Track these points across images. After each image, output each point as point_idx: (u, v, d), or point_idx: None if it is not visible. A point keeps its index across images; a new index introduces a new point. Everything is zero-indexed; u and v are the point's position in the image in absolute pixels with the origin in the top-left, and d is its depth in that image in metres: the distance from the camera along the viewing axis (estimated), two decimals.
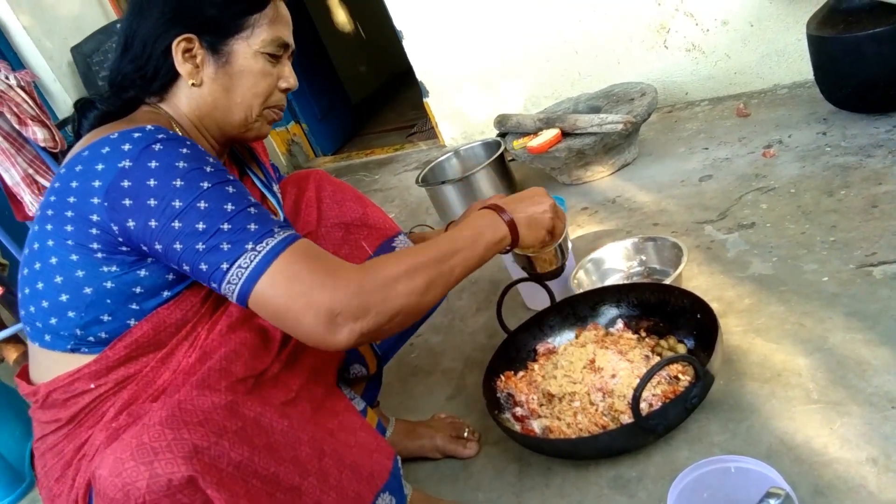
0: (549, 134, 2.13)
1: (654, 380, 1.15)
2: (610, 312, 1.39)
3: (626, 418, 1.13)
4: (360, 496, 0.93)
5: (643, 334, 1.32)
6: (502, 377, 1.32)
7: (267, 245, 0.82)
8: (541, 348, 1.39)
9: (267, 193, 1.13)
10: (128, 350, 0.90)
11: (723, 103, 2.39)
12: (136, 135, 0.85)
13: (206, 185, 0.83)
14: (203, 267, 0.83)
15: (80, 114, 1.00)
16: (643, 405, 1.11)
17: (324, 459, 0.89)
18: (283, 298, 0.81)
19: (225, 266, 0.82)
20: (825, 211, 1.54)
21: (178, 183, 0.82)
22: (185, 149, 0.86)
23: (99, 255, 0.86)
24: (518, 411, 1.26)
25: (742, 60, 2.37)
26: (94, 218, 0.84)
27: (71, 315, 0.88)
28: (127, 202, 0.83)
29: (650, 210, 1.88)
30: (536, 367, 1.33)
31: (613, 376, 1.19)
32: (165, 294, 0.91)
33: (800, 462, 1.00)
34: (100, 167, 0.84)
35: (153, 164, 0.83)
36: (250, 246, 0.82)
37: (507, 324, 1.41)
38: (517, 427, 1.22)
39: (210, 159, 0.87)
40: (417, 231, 1.38)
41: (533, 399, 1.26)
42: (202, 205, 0.82)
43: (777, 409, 1.10)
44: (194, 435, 0.77)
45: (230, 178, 0.87)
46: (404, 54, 3.03)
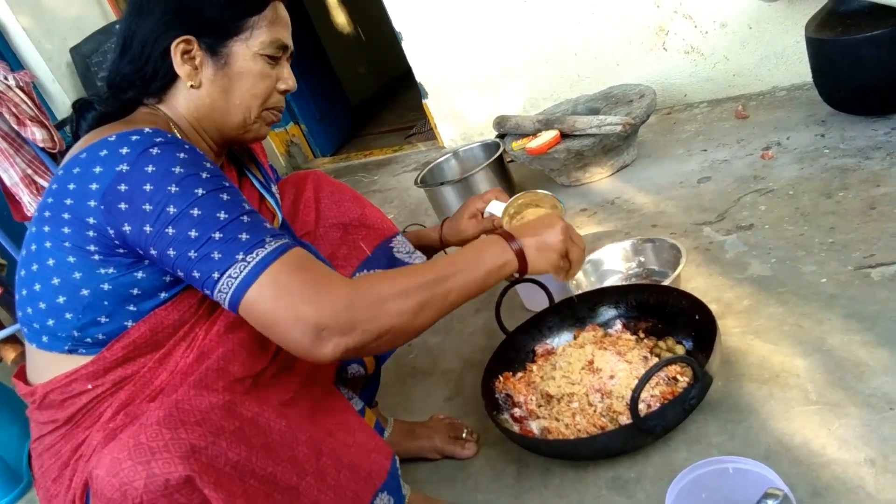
0: (548, 135, 2.13)
1: (653, 381, 1.15)
2: (608, 313, 1.39)
3: (625, 419, 1.13)
4: (358, 496, 0.92)
5: (642, 335, 1.32)
6: (501, 378, 1.32)
7: (257, 256, 0.82)
8: (539, 349, 1.39)
9: (265, 194, 1.13)
10: (125, 351, 0.89)
11: (721, 105, 2.39)
12: (134, 138, 0.85)
13: (201, 192, 0.83)
14: (196, 274, 0.83)
15: (79, 115, 1.00)
16: (641, 406, 1.11)
17: (322, 459, 0.89)
18: (271, 310, 0.81)
19: (216, 275, 0.82)
20: (824, 213, 1.55)
21: (174, 189, 0.82)
22: (183, 153, 0.85)
23: (96, 258, 0.86)
24: (516, 412, 1.26)
25: (741, 62, 2.37)
26: (91, 221, 0.84)
27: (68, 316, 0.88)
28: (123, 206, 0.83)
29: (649, 211, 1.88)
30: (535, 368, 1.33)
31: (612, 377, 1.20)
32: (163, 296, 0.91)
33: (798, 463, 1.00)
34: (97, 170, 0.84)
35: (150, 169, 0.83)
36: (240, 256, 0.82)
37: (506, 325, 1.41)
38: (516, 428, 1.22)
39: (207, 164, 0.87)
40: (411, 230, 1.37)
41: (531, 400, 1.26)
42: (195, 212, 0.82)
43: (775, 411, 1.10)
44: (192, 435, 0.76)
45: (226, 185, 0.87)
46: (403, 56, 3.04)
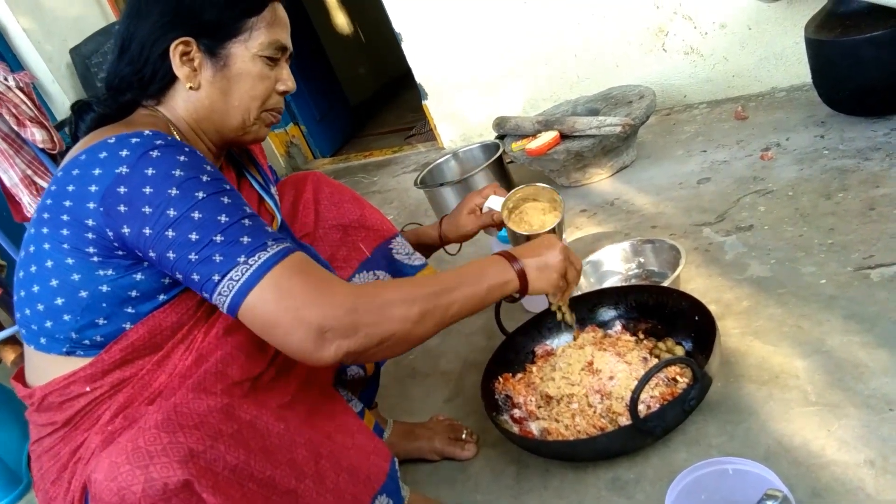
0: (548, 136, 2.13)
1: (652, 382, 1.15)
2: (608, 314, 1.39)
3: (624, 420, 1.12)
4: (358, 499, 0.92)
5: (641, 336, 1.32)
6: (500, 379, 1.32)
7: (259, 259, 0.82)
8: (539, 350, 1.39)
9: (265, 195, 1.13)
10: (123, 353, 0.89)
11: (721, 106, 2.39)
12: (134, 140, 0.85)
13: (202, 196, 0.83)
14: (195, 277, 0.83)
15: (77, 116, 1.00)
16: (641, 407, 1.11)
17: (320, 462, 0.89)
18: (273, 313, 0.81)
19: (216, 278, 0.82)
20: (823, 214, 1.55)
21: (174, 192, 0.82)
22: (183, 156, 0.85)
23: (95, 259, 0.86)
24: (516, 413, 1.26)
25: (740, 63, 2.37)
26: (90, 223, 0.84)
27: (66, 318, 0.88)
28: (122, 208, 0.83)
29: (648, 212, 1.88)
30: (535, 369, 1.33)
31: (611, 378, 1.19)
32: (161, 297, 0.90)
33: (797, 464, 1.00)
34: (97, 172, 0.84)
35: (150, 172, 0.83)
36: (242, 259, 0.82)
37: (506, 326, 1.41)
38: (515, 429, 1.22)
39: (207, 167, 0.87)
40: (409, 229, 1.37)
41: (531, 401, 1.26)
42: (196, 215, 0.82)
43: (775, 411, 1.10)
44: (190, 438, 0.76)
45: (226, 188, 0.87)
46: (403, 57, 3.04)
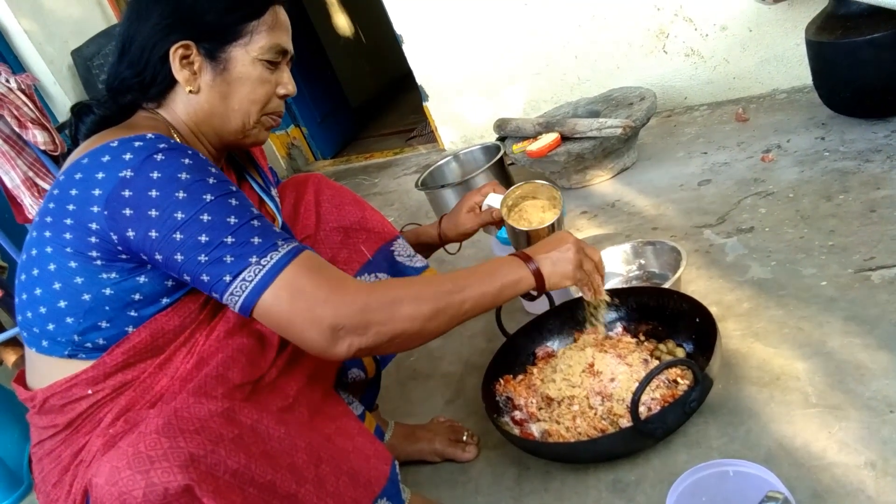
0: (549, 138, 2.13)
1: (653, 383, 1.15)
2: (609, 316, 1.39)
3: (625, 422, 1.12)
4: (358, 502, 0.92)
5: (642, 338, 1.32)
6: (501, 381, 1.32)
7: (271, 259, 0.83)
8: (540, 352, 1.39)
9: (265, 198, 1.13)
10: (125, 356, 0.89)
11: (722, 108, 2.39)
12: (137, 143, 0.85)
13: (209, 198, 0.84)
14: (205, 278, 0.83)
15: (77, 118, 1.00)
16: (642, 409, 1.11)
17: (321, 466, 0.89)
18: (288, 312, 0.83)
19: (228, 278, 0.83)
20: (824, 215, 1.55)
21: (181, 195, 0.83)
22: (188, 159, 0.86)
23: (98, 263, 0.86)
24: (517, 415, 1.26)
25: (741, 65, 2.37)
26: (93, 226, 0.84)
27: (69, 321, 0.88)
28: (127, 212, 0.83)
29: (649, 214, 1.88)
30: (535, 371, 1.33)
31: (612, 380, 1.19)
32: (164, 301, 0.91)
33: (798, 466, 1.00)
34: (100, 175, 0.84)
35: (155, 175, 0.83)
36: (254, 259, 0.83)
37: (507, 328, 1.41)
38: (516, 431, 1.22)
39: (212, 170, 0.87)
40: (409, 229, 1.37)
41: (532, 403, 1.26)
42: (205, 217, 0.83)
43: (776, 413, 1.10)
44: (190, 443, 0.76)
45: (233, 190, 0.87)
46: (404, 58, 3.04)
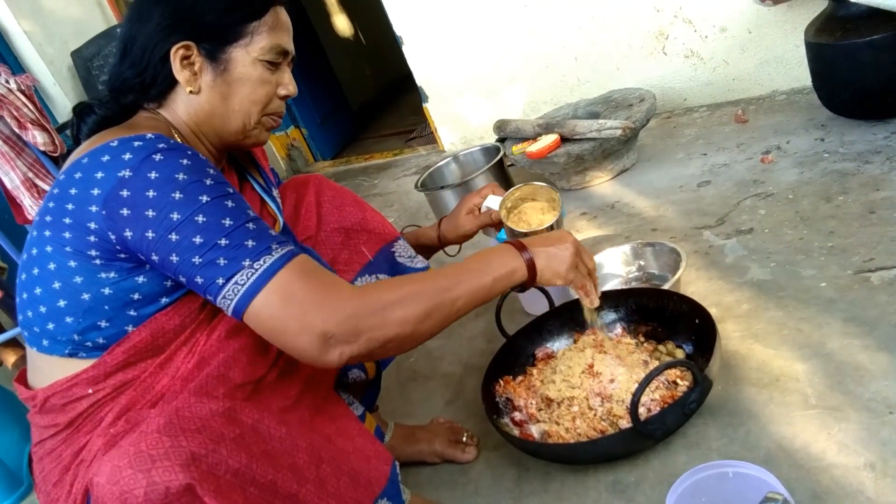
0: (549, 139, 2.14)
1: (653, 385, 1.16)
2: (608, 317, 1.39)
3: (625, 423, 1.13)
4: (359, 503, 0.92)
5: (642, 339, 1.32)
6: (501, 382, 1.32)
7: (264, 263, 0.83)
8: (539, 353, 1.39)
9: (266, 198, 1.13)
10: (126, 355, 0.90)
11: (721, 109, 2.40)
12: (137, 143, 0.85)
13: (206, 199, 0.84)
14: (199, 280, 0.83)
15: (79, 118, 1.01)
16: (641, 410, 1.11)
17: (322, 466, 0.89)
18: (279, 318, 0.82)
19: (221, 281, 0.82)
20: (823, 217, 1.55)
21: (177, 195, 0.83)
22: (186, 160, 0.86)
23: (97, 262, 0.86)
24: (517, 416, 1.26)
25: (740, 67, 2.38)
26: (92, 226, 0.84)
27: (69, 320, 0.88)
28: (125, 212, 0.83)
29: (649, 215, 1.88)
30: (535, 372, 1.33)
31: (612, 381, 1.20)
32: (164, 301, 0.91)
33: (798, 467, 1.00)
34: (99, 175, 0.84)
35: (153, 175, 0.83)
36: (247, 263, 0.82)
37: (506, 329, 1.41)
38: (516, 432, 1.22)
39: (211, 171, 0.87)
40: (409, 230, 1.37)
41: (532, 404, 1.26)
42: (200, 218, 0.83)
43: (775, 415, 1.10)
44: (192, 442, 0.76)
45: (230, 192, 0.87)
46: (404, 59, 3.04)
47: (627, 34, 2.51)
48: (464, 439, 1.31)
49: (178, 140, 0.97)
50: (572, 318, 1.41)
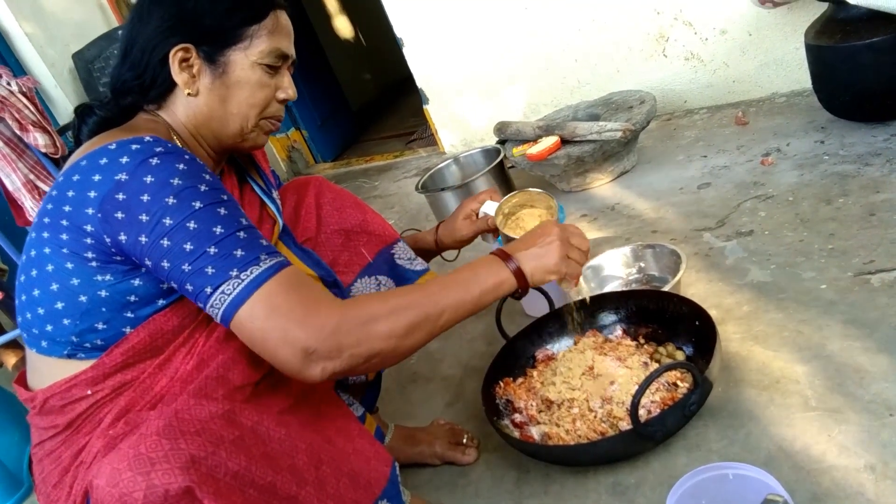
0: (549, 141, 2.14)
1: (653, 386, 1.16)
2: (609, 319, 1.39)
3: (625, 425, 1.13)
4: None
5: (642, 341, 1.32)
6: (501, 384, 1.32)
7: (251, 273, 0.82)
8: (540, 355, 1.39)
9: (266, 200, 1.13)
10: (125, 357, 0.90)
11: (721, 111, 2.40)
12: (134, 147, 0.85)
13: (198, 206, 0.83)
14: (189, 287, 0.83)
15: (80, 120, 1.01)
16: (642, 412, 1.11)
17: (321, 468, 0.89)
18: (261, 329, 0.82)
19: (208, 290, 0.82)
20: (823, 219, 1.55)
21: (171, 201, 0.83)
22: (182, 164, 0.85)
23: (93, 264, 0.86)
24: (517, 418, 1.26)
25: (741, 69, 2.38)
26: (88, 228, 0.84)
27: (66, 322, 0.88)
28: (120, 215, 0.83)
29: (649, 217, 1.88)
30: (535, 374, 1.33)
31: (612, 383, 1.20)
32: (161, 302, 0.91)
33: (798, 469, 1.00)
34: (96, 178, 0.84)
35: (148, 179, 0.83)
36: (234, 273, 0.82)
37: (507, 330, 1.41)
38: (516, 433, 1.22)
39: (206, 176, 0.87)
40: (407, 234, 1.37)
41: (532, 405, 1.26)
42: (192, 225, 0.82)
43: (775, 416, 1.10)
44: (191, 445, 0.76)
45: (224, 199, 0.87)
46: (404, 61, 3.05)
47: (628, 36, 2.51)
48: (464, 441, 1.31)
49: (177, 142, 0.97)
50: (573, 320, 1.41)
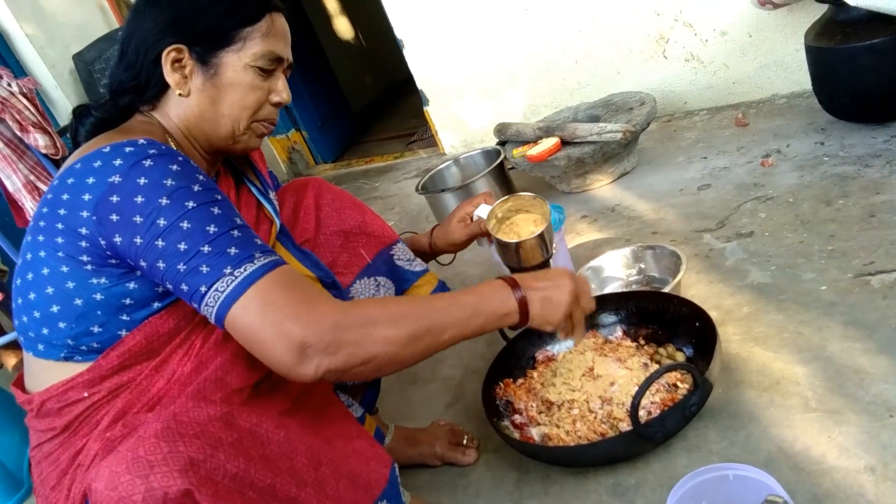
0: (549, 142, 2.14)
1: (653, 387, 1.16)
2: (609, 320, 1.39)
3: (625, 426, 1.13)
4: None
5: (642, 342, 1.32)
6: (501, 384, 1.32)
7: (245, 270, 0.82)
8: (540, 356, 1.39)
9: (263, 201, 1.13)
10: (121, 359, 0.89)
11: (721, 113, 2.40)
12: (128, 149, 0.85)
13: (192, 205, 0.83)
14: (184, 287, 0.83)
15: (78, 121, 1.01)
16: (642, 413, 1.11)
17: (321, 469, 0.89)
18: (256, 325, 0.81)
19: (203, 289, 0.82)
20: (823, 220, 1.55)
21: (164, 201, 0.83)
22: (176, 165, 0.85)
23: (88, 268, 0.86)
24: (517, 419, 1.26)
25: (741, 70, 2.38)
26: (84, 231, 0.84)
27: (62, 326, 0.88)
28: (114, 217, 0.83)
29: (649, 218, 1.88)
30: (535, 375, 1.33)
31: (612, 384, 1.20)
32: (156, 305, 0.90)
33: (798, 470, 1.00)
34: (90, 181, 0.84)
35: (142, 181, 0.83)
36: (228, 270, 0.82)
37: (507, 331, 1.41)
38: (516, 434, 1.22)
39: (200, 177, 0.87)
40: (405, 237, 1.37)
41: (532, 406, 1.26)
42: (185, 225, 0.82)
43: (775, 418, 1.10)
44: (190, 448, 0.76)
45: (217, 198, 0.87)
46: (405, 62, 3.05)
47: (628, 37, 2.52)
48: (464, 442, 1.31)
49: (171, 144, 0.97)
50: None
